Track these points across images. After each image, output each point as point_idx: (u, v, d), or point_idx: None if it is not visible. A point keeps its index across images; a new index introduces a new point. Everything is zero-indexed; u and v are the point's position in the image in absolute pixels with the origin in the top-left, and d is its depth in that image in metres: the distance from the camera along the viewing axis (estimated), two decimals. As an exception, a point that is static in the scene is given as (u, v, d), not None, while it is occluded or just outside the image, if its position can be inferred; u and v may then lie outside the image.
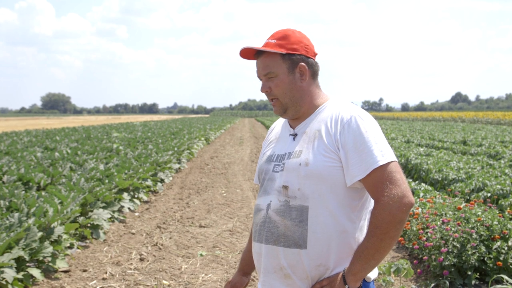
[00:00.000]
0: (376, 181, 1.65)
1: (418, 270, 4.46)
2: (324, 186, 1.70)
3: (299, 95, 1.81)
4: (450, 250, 4.20)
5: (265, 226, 1.78)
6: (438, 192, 6.66)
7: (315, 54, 1.86)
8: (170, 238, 5.95)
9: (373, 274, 1.79)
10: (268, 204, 1.79)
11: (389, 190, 1.62)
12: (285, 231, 1.72)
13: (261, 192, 1.86)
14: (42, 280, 4.49)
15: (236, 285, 2.09)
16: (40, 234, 4.54)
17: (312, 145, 1.74)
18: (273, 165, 1.83)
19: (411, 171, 9.69)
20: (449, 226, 4.42)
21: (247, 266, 2.10)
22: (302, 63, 1.80)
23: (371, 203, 1.79)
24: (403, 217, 1.62)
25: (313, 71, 1.84)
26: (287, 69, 1.79)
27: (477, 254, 4.14)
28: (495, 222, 4.34)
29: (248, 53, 1.84)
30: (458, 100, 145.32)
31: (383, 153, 1.67)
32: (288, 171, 1.76)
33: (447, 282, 4.13)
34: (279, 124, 2.00)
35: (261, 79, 1.84)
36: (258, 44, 1.88)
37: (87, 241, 5.79)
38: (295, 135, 1.84)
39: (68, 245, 5.30)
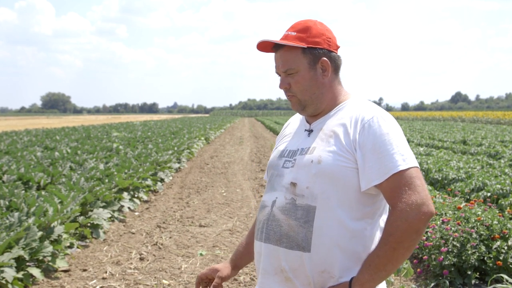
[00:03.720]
0: (394, 186, 1.51)
1: (418, 270, 4.46)
2: (335, 186, 1.57)
3: (320, 92, 1.69)
4: (450, 249, 4.20)
5: (268, 224, 1.66)
6: (438, 192, 6.65)
7: (338, 47, 1.73)
8: (170, 237, 5.95)
9: (382, 286, 1.64)
10: (273, 201, 1.67)
11: (408, 196, 1.49)
12: (288, 231, 1.60)
13: (268, 188, 1.74)
14: (42, 280, 4.49)
15: (225, 278, 1.88)
16: (40, 233, 4.54)
17: (328, 143, 1.62)
18: (283, 160, 1.72)
19: (411, 170, 9.70)
20: (449, 225, 4.42)
21: (239, 260, 1.94)
22: (324, 58, 1.67)
23: (386, 210, 1.67)
24: (420, 226, 1.48)
25: (336, 66, 1.71)
26: (308, 64, 1.66)
27: (477, 254, 4.14)
28: (495, 222, 4.34)
29: (265, 45, 1.70)
30: (458, 100, 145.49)
31: (404, 157, 1.53)
32: (298, 168, 1.64)
33: (447, 282, 4.13)
34: (297, 118, 1.86)
35: (279, 75, 1.71)
36: (277, 36, 1.73)
37: (87, 240, 5.79)
38: (310, 131, 1.72)
39: (68, 244, 5.30)
